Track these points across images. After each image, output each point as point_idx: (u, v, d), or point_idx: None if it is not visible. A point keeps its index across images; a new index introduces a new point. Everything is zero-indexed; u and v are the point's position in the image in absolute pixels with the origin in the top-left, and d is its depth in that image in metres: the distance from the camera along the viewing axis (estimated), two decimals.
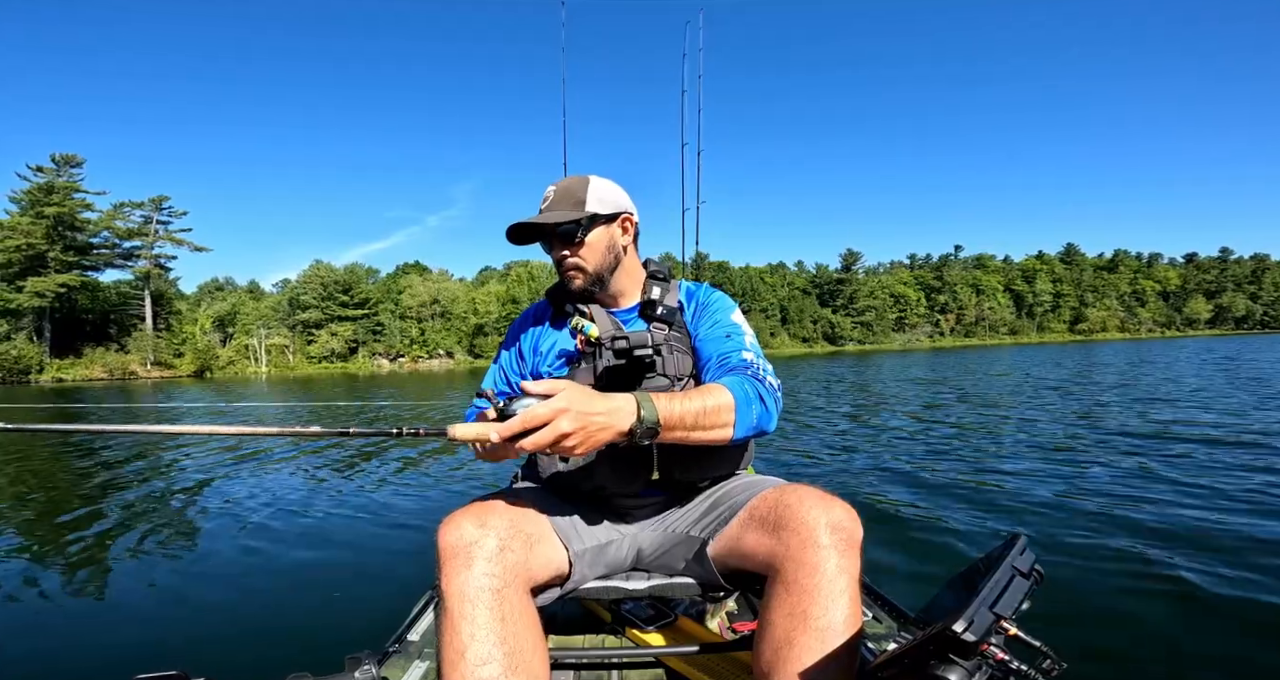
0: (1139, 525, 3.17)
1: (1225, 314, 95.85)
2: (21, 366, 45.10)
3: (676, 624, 1.46)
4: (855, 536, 0.99)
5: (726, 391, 1.09)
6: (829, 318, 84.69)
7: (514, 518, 1.10)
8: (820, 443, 6.49)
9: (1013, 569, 0.78)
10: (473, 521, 1.05)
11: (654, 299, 1.35)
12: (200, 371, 52.56)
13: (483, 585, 1.00)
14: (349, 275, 66.44)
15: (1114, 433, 6.13)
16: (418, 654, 1.21)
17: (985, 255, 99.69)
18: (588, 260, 1.32)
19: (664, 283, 1.40)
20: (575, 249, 1.31)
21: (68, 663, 2.13)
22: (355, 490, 4.71)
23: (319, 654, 1.86)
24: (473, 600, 0.99)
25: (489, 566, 1.01)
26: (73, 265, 50.85)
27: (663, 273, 1.42)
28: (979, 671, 0.71)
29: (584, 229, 1.29)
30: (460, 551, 1.02)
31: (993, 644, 0.70)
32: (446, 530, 1.05)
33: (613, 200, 1.34)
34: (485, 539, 1.03)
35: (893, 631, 1.30)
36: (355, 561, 3.09)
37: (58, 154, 51.54)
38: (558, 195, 1.32)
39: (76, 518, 4.16)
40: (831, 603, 0.93)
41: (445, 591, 1.01)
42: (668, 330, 1.33)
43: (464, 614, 0.98)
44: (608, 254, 1.33)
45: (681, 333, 1.34)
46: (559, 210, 1.30)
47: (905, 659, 0.77)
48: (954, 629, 0.68)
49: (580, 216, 1.28)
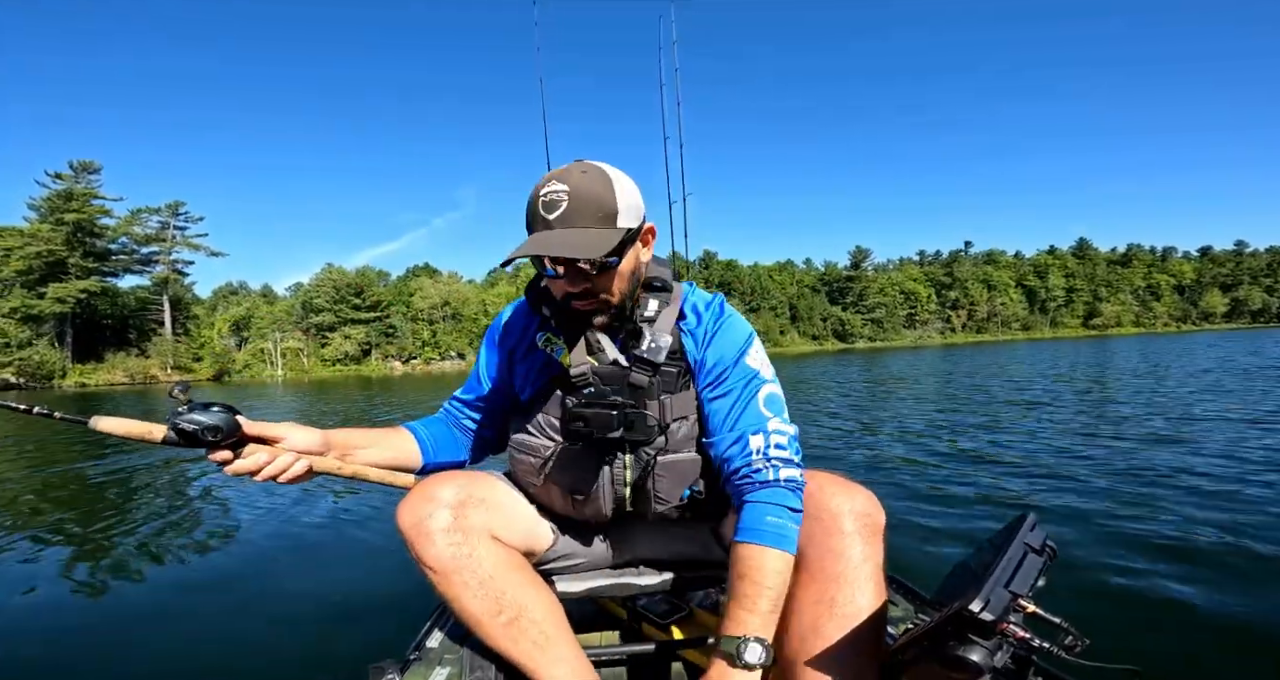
0: (1156, 503, 3.22)
1: (1241, 307, 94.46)
2: (45, 372, 46.00)
3: (693, 617, 1.45)
4: (879, 523, 0.99)
5: (764, 555, 0.96)
6: (839, 315, 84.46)
7: (462, 484, 1.09)
8: (829, 432, 6.60)
9: (1025, 546, 0.78)
10: (421, 499, 1.06)
11: (640, 328, 1.12)
12: (219, 375, 53.52)
13: (453, 553, 1.03)
14: (360, 278, 67.15)
15: (1128, 420, 6.19)
16: (438, 660, 1.19)
17: (996, 251, 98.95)
18: (615, 292, 1.06)
19: (663, 293, 1.16)
20: (605, 279, 1.04)
21: (83, 670, 2.11)
22: (374, 496, 4.64)
23: (339, 663, 1.95)
24: (452, 570, 1.03)
25: (450, 537, 1.03)
26: (92, 271, 51.79)
27: (662, 281, 1.16)
28: (1000, 650, 0.71)
29: (618, 254, 1.03)
30: (418, 531, 1.04)
31: (1012, 622, 0.70)
32: (401, 514, 1.06)
33: (638, 206, 1.07)
34: (437, 512, 1.04)
35: (910, 614, 1.31)
36: (366, 568, 3.05)
37: (76, 160, 52.63)
38: (577, 202, 0.99)
39: (88, 520, 4.13)
40: (857, 589, 0.93)
41: (427, 569, 1.04)
42: (653, 373, 1.11)
43: (452, 583, 1.03)
44: (633, 279, 1.09)
45: (676, 362, 1.13)
46: (584, 225, 0.99)
47: (924, 640, 0.77)
48: (971, 609, 0.68)
49: (618, 236, 1.00)
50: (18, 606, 2.68)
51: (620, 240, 1.00)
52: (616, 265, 1.03)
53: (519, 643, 1.04)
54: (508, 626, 1.04)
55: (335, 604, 2.59)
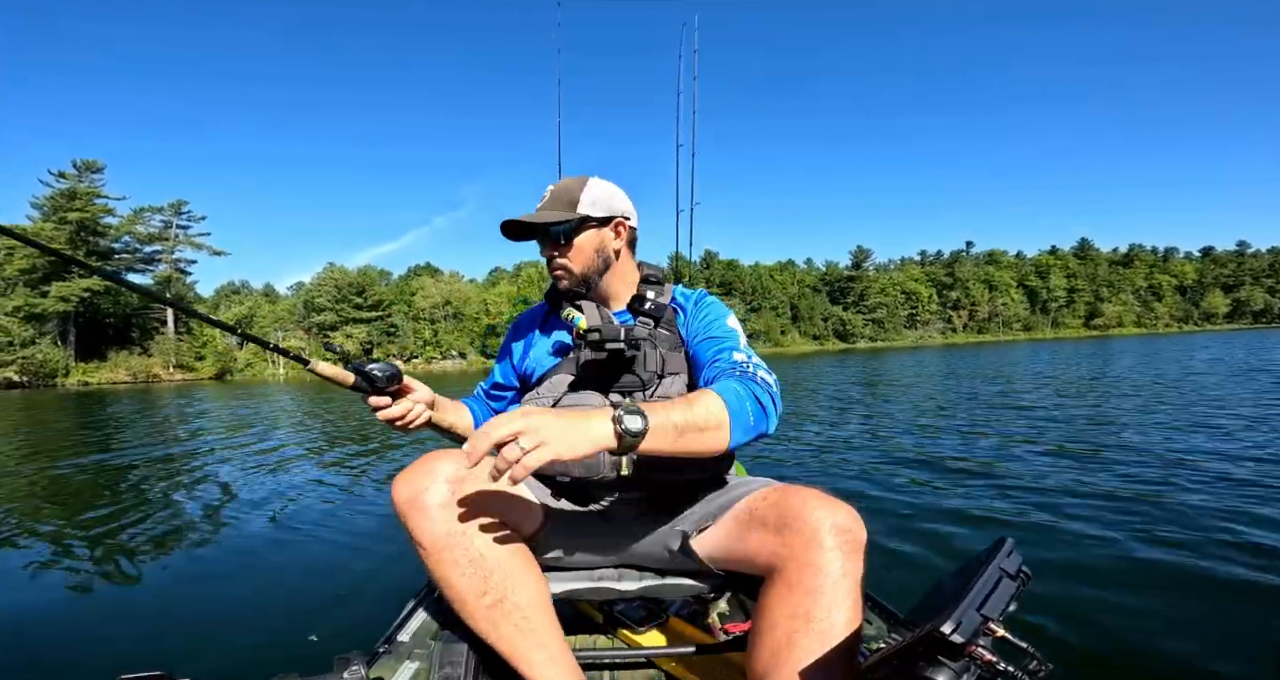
0: (1132, 529, 3.15)
1: (1243, 308, 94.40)
2: (48, 370, 46.24)
3: (669, 625, 1.45)
4: (860, 539, 0.98)
5: (715, 395, 1.03)
6: (840, 315, 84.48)
7: (461, 460, 1.07)
8: (814, 442, 6.46)
9: (1000, 570, 0.79)
10: (420, 472, 1.08)
11: (642, 295, 1.36)
12: (221, 374, 53.63)
13: (446, 530, 1.05)
14: (362, 277, 67.29)
15: (1117, 435, 5.99)
16: (408, 654, 1.20)
17: (997, 251, 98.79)
18: (574, 262, 1.33)
19: (658, 286, 1.41)
20: (563, 250, 1.32)
21: (50, 661, 2.10)
22: (348, 490, 4.69)
23: (307, 655, 1.98)
24: (444, 546, 1.05)
25: (445, 513, 1.05)
26: (95, 270, 51.82)
27: (656, 277, 1.42)
28: (967, 673, 0.72)
29: (572, 230, 1.30)
30: (414, 504, 1.05)
31: (980, 645, 0.71)
32: (399, 486, 1.07)
33: (607, 203, 1.34)
34: (434, 486, 1.06)
35: (882, 632, 1.30)
36: (346, 563, 3.05)
37: (79, 159, 52.72)
38: (553, 195, 1.33)
39: (67, 512, 4.15)
40: (835, 605, 0.93)
41: (418, 544, 1.05)
42: (654, 326, 1.33)
43: (442, 560, 1.05)
44: (596, 257, 1.34)
45: (671, 330, 1.34)
46: (552, 210, 1.31)
47: (895, 660, 0.77)
48: (942, 630, 0.69)
49: (570, 218, 1.29)
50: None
51: (573, 220, 1.29)
52: (569, 239, 1.31)
53: (500, 626, 1.06)
54: (491, 609, 1.06)
55: (307, 597, 2.60)
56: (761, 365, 1.17)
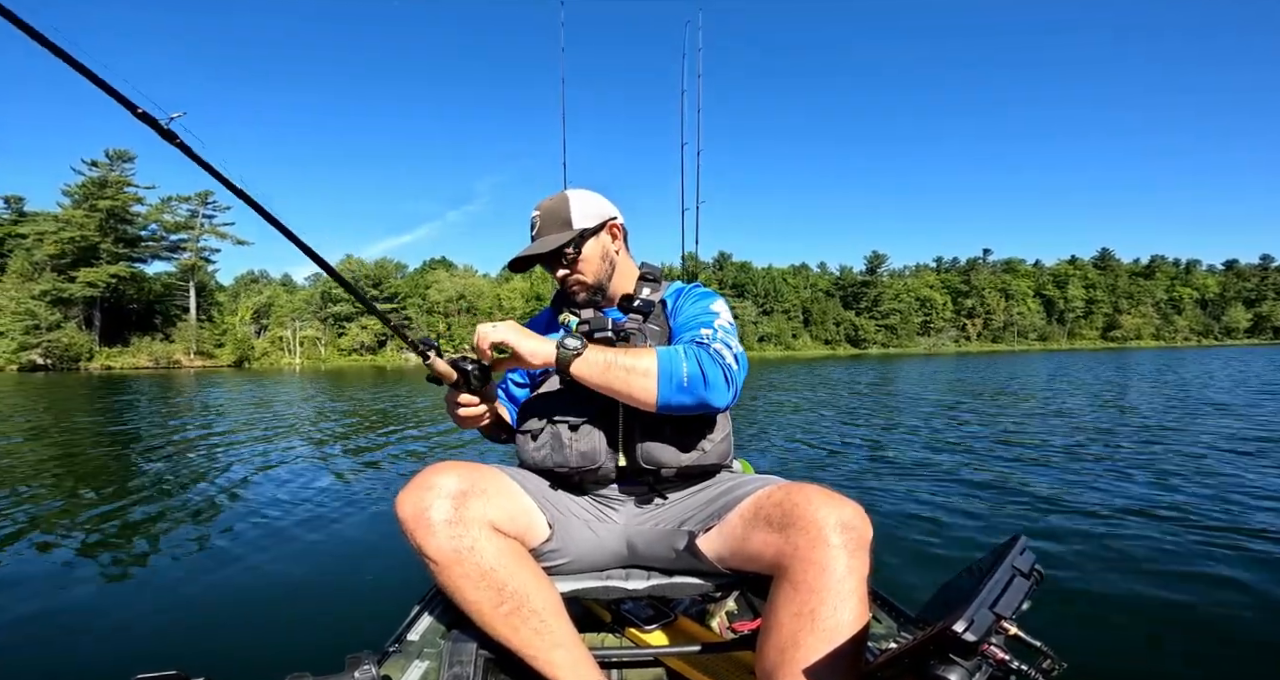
0: (1144, 528, 3.16)
1: (1265, 323, 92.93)
2: (73, 354, 47.28)
3: (676, 624, 1.45)
4: (865, 537, 0.98)
5: (652, 350, 1.15)
6: (852, 320, 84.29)
7: (463, 474, 1.10)
8: (823, 442, 6.39)
9: (1013, 569, 0.78)
10: (421, 488, 1.07)
11: (631, 293, 1.42)
12: (239, 362, 54.77)
13: (454, 546, 1.04)
14: (379, 270, 68.30)
15: (1129, 438, 6.06)
16: (417, 653, 1.20)
17: (1015, 259, 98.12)
18: (587, 273, 1.37)
19: (654, 283, 1.46)
20: (574, 267, 1.37)
21: (65, 662, 2.10)
22: (360, 490, 4.63)
23: (320, 654, 2.11)
24: (454, 561, 1.05)
25: (451, 529, 1.04)
26: (122, 257, 53.22)
27: (653, 274, 1.48)
28: (979, 671, 0.71)
29: (576, 246, 1.35)
30: (419, 521, 1.04)
31: (993, 644, 0.70)
32: (402, 503, 1.07)
33: (595, 211, 1.39)
34: (437, 502, 1.05)
35: (893, 631, 1.28)
36: (356, 561, 3.04)
37: (111, 149, 53.93)
38: (544, 220, 1.37)
39: (79, 509, 4.10)
40: (840, 603, 0.92)
41: (426, 559, 1.05)
42: (642, 321, 1.38)
43: (454, 575, 1.05)
44: (603, 263, 1.39)
45: (659, 325, 1.38)
46: (549, 234, 1.36)
47: (905, 658, 0.77)
48: (954, 629, 0.68)
49: (570, 236, 1.34)
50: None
51: (575, 237, 1.34)
52: (575, 255, 1.35)
53: (520, 631, 1.07)
54: (509, 616, 1.07)
55: (318, 595, 2.62)
56: (726, 343, 1.21)
